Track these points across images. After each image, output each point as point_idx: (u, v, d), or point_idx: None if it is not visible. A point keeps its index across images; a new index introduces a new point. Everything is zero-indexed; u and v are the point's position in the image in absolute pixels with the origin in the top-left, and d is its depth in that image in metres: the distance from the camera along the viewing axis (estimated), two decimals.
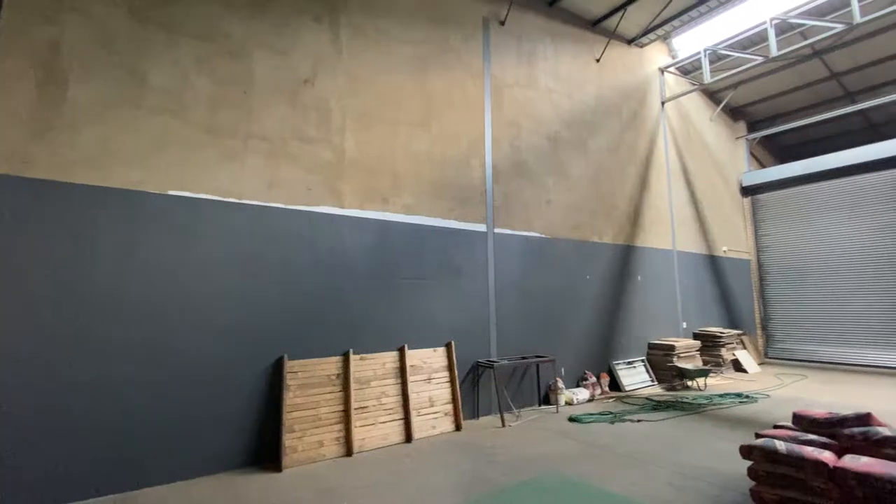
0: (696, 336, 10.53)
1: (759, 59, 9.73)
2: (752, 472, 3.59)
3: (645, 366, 9.11)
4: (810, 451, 3.30)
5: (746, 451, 3.61)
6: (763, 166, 14.92)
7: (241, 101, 5.20)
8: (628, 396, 7.92)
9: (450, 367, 6.31)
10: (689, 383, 8.65)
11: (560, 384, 7.33)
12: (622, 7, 9.13)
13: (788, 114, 14.07)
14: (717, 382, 9.10)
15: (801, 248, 12.87)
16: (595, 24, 9.67)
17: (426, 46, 6.92)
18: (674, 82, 11.92)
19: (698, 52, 10.84)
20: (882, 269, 11.37)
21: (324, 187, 5.66)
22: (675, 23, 9.88)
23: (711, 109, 13.15)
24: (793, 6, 9.32)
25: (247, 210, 5.10)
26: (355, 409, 5.34)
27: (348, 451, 5.13)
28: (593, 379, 7.90)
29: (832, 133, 14.98)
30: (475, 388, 6.67)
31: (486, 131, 7.48)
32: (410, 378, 5.88)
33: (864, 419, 3.57)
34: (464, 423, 6.22)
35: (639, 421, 6.28)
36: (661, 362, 9.01)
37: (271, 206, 5.26)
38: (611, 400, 7.71)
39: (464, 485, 4.22)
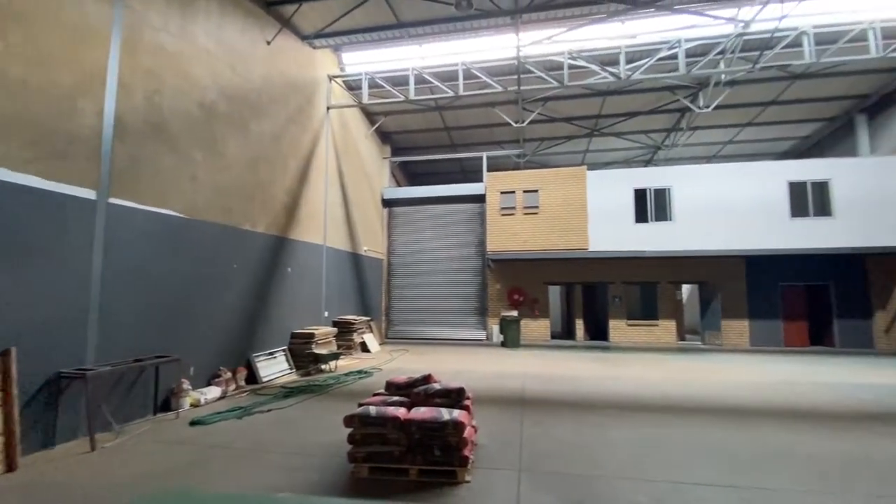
0: (335, 324, 11.76)
1: (401, 98, 11.98)
2: (351, 438, 4.21)
3: (286, 355, 9.37)
4: (391, 411, 4.20)
5: (348, 420, 4.22)
6: (400, 185, 18.47)
7: None
8: (264, 388, 7.90)
9: (3, 387, 4.41)
10: (324, 366, 9.52)
11: (186, 385, 6.48)
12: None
13: (419, 148, 18.03)
14: (347, 363, 10.45)
15: (417, 252, 16.72)
16: (271, 6, 9.30)
17: None
18: (340, 93, 13.00)
19: (360, 74, 12.28)
20: (458, 272, 16.29)
21: None
22: (345, 39, 10.80)
23: (367, 127, 15.16)
24: (429, 65, 11.99)
25: None
26: None
27: None
28: (228, 374, 7.43)
29: (444, 170, 20.29)
30: (54, 408, 4.95)
31: (109, 70, 5.77)
32: None
33: (427, 379, 4.87)
34: (26, 458, 4.49)
35: (269, 410, 6.34)
36: (301, 350, 9.50)
37: None
38: (245, 394, 7.46)
39: None
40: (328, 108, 12.16)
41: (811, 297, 14.48)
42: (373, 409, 4.21)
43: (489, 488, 3.88)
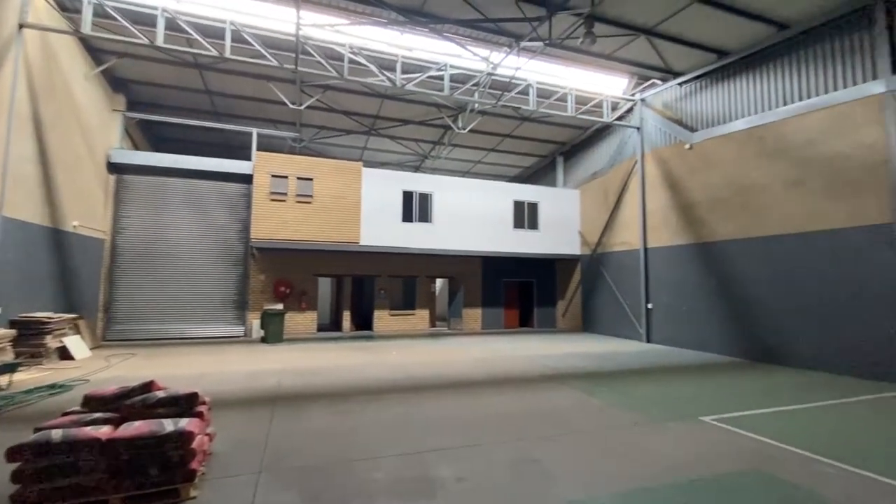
0: (14, 324, 8.55)
1: (146, 42, 9.68)
2: (17, 475, 3.15)
3: None
4: (87, 432, 3.32)
5: (13, 454, 3.14)
6: (138, 148, 14.90)
7: None
8: None
9: None
10: None
11: None
12: None
13: (169, 108, 14.92)
14: (32, 376, 7.75)
15: (157, 234, 13.80)
16: None
17: None
18: (46, 11, 9.56)
19: None
20: (214, 260, 14.29)
21: None
22: None
23: (91, 67, 11.64)
24: (188, 11, 10.02)
25: None
26: None
27: None
28: None
29: (203, 140, 17.42)
30: None
31: None
32: None
33: (148, 387, 4.07)
34: None
35: None
36: None
37: None
38: None
39: None
40: (21, 27, 8.75)
41: (522, 290, 18.75)
42: (56, 434, 3.24)
43: (219, 499, 3.52)
